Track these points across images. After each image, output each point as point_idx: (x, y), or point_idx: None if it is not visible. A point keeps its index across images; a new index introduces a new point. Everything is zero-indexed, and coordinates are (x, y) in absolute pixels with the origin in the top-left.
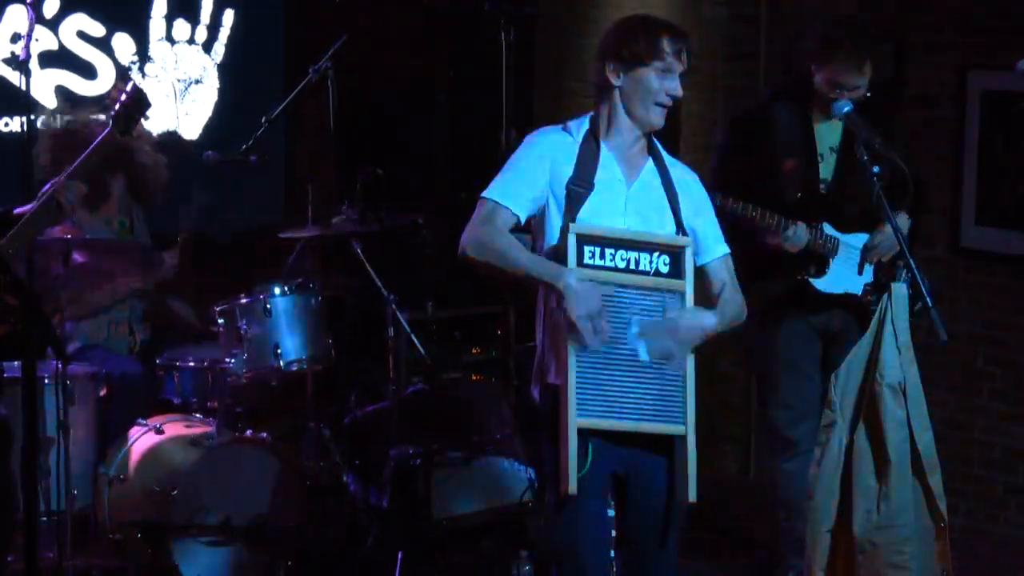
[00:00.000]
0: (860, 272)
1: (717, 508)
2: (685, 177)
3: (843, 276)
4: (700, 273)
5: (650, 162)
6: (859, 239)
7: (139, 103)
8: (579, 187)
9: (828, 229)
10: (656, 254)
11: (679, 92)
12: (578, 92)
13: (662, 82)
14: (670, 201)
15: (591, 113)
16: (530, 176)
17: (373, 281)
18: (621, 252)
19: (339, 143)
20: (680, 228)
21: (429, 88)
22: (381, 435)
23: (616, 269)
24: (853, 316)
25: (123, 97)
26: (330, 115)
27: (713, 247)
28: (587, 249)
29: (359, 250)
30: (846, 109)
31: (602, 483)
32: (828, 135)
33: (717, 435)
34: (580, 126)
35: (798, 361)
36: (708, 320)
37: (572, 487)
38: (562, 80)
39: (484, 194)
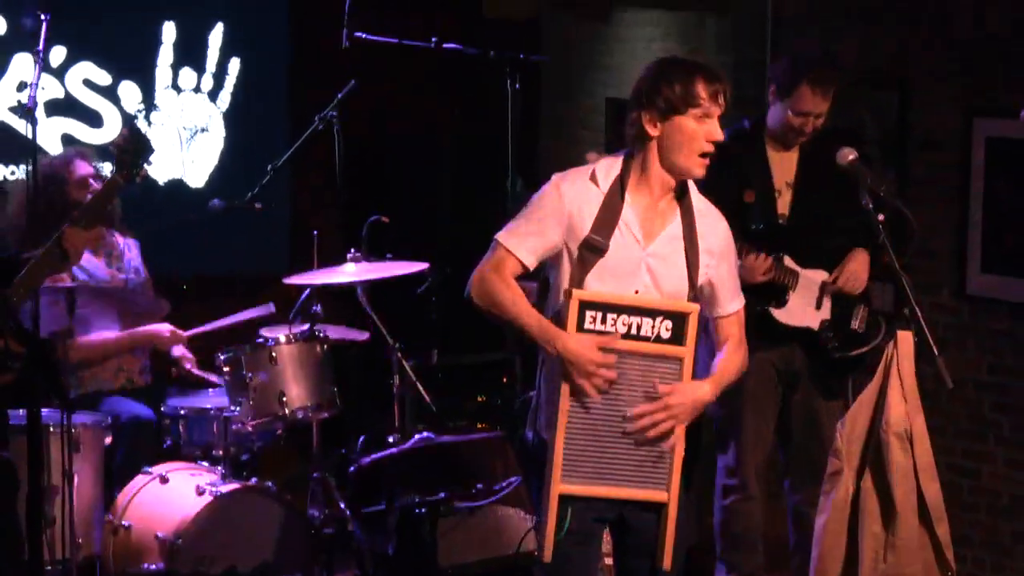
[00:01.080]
0: (818, 307)
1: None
2: (714, 227)
3: (801, 310)
4: (709, 325)
5: (676, 217)
6: (818, 275)
7: (140, 146)
8: (594, 245)
9: (788, 262)
10: (659, 319)
11: (719, 136)
12: (585, 140)
13: (701, 127)
14: (688, 260)
15: (624, 155)
16: (545, 228)
17: (378, 329)
18: (623, 317)
19: (344, 190)
20: (692, 289)
21: (435, 135)
22: (386, 483)
23: (615, 334)
24: (811, 357)
25: (124, 142)
26: (336, 162)
27: (727, 303)
28: (588, 314)
29: (364, 297)
30: (851, 156)
31: (588, 535)
32: (784, 169)
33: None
34: (609, 172)
35: (762, 401)
36: (702, 393)
37: (548, 555)
38: (569, 128)
39: (498, 237)
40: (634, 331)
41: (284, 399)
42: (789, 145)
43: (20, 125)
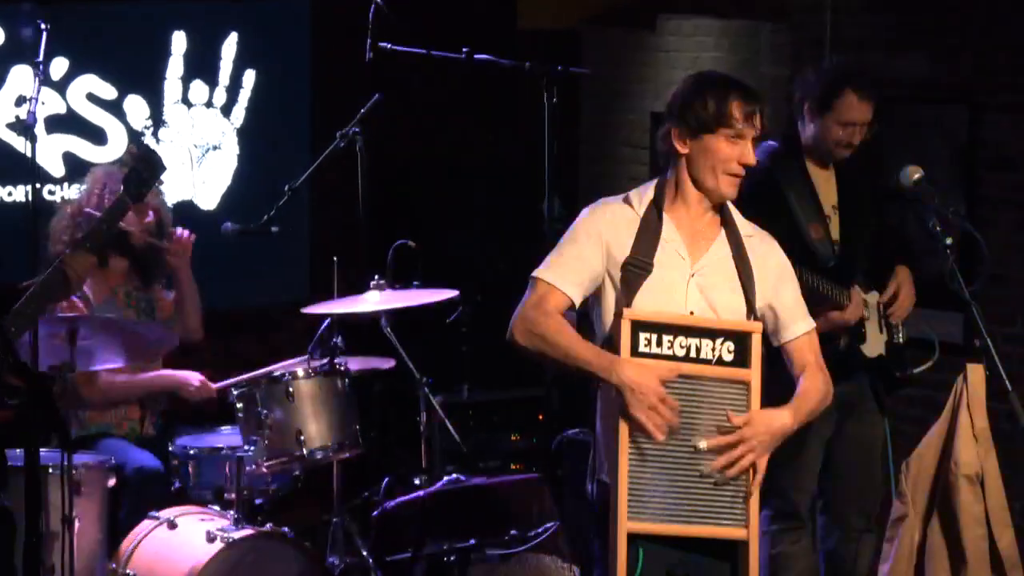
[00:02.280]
0: (881, 331)
1: None
2: (763, 246)
3: (875, 338)
4: (780, 352)
5: (721, 235)
6: (873, 297)
7: (152, 165)
8: (636, 268)
9: (856, 291)
10: (720, 340)
11: (751, 160)
12: (627, 158)
13: (732, 149)
14: (742, 279)
15: (657, 179)
16: (585, 256)
17: (405, 362)
18: (680, 338)
19: (368, 213)
20: (751, 310)
21: (466, 154)
22: (413, 529)
23: (674, 358)
24: (872, 383)
25: (133, 159)
26: (359, 183)
27: (794, 324)
28: (642, 336)
29: (389, 329)
30: (916, 176)
31: None
32: (828, 193)
33: None
34: (643, 195)
35: (819, 434)
36: (782, 422)
37: None
38: (610, 145)
39: (536, 274)
40: (693, 353)
41: (302, 438)
42: (832, 162)
43: (19, 143)
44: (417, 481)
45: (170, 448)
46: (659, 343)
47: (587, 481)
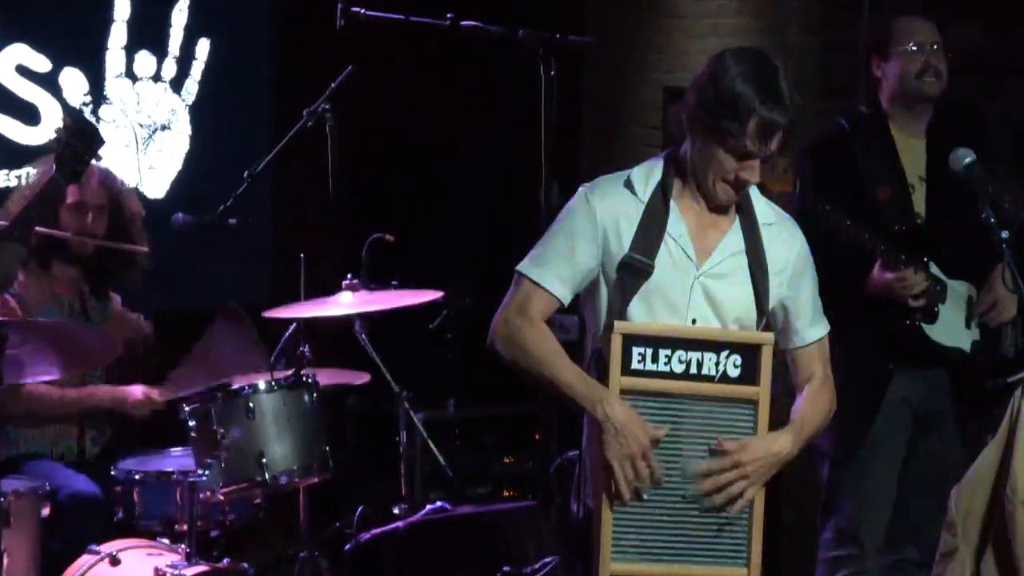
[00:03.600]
0: (968, 326)
1: None
2: (786, 239)
3: (952, 327)
4: (786, 356)
5: (735, 224)
6: (962, 287)
7: (87, 138)
8: (636, 268)
9: (935, 270)
10: (725, 353)
11: (754, 179)
12: (636, 139)
13: (736, 164)
14: (754, 278)
15: (668, 152)
16: (577, 251)
17: (382, 374)
18: (680, 353)
19: (340, 202)
20: (763, 313)
21: (451, 134)
22: (391, 566)
23: (671, 375)
24: (956, 392)
25: (66, 132)
26: (328, 168)
27: (807, 330)
28: (635, 352)
29: (364, 335)
30: (967, 160)
31: None
32: (916, 161)
33: None
34: (649, 176)
35: (890, 449)
36: (779, 446)
37: None
38: (616, 124)
39: (520, 268)
40: (694, 369)
41: (264, 461)
42: (921, 108)
43: None
44: (396, 510)
45: (112, 472)
46: (655, 358)
47: (572, 499)
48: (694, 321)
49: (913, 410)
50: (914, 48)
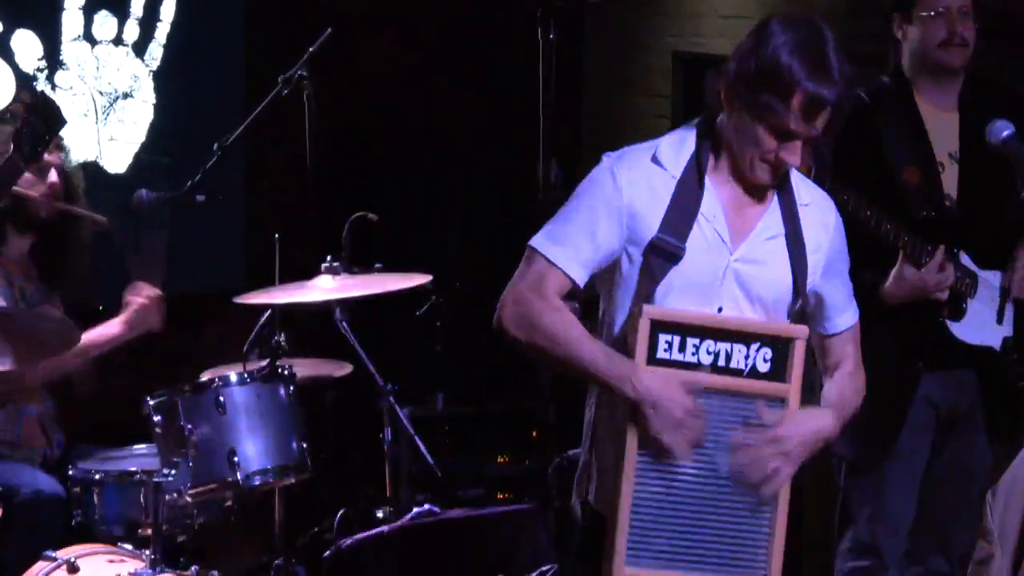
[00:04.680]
0: (999, 321)
1: None
2: (820, 217)
3: (981, 323)
4: (818, 344)
5: (775, 208)
6: (996, 278)
7: (48, 117)
8: (664, 250)
9: (965, 261)
10: (755, 346)
11: (795, 161)
12: (643, 111)
13: (776, 144)
14: (792, 263)
15: (700, 121)
16: (598, 230)
17: (365, 365)
18: (708, 343)
19: (318, 178)
20: (797, 303)
21: (441, 105)
22: (375, 573)
23: (698, 366)
24: (985, 392)
25: (26, 110)
26: (306, 140)
27: (839, 315)
28: (662, 339)
29: (346, 324)
30: (1006, 132)
31: None
32: (945, 137)
33: None
34: (681, 148)
35: (912, 458)
36: (823, 424)
37: None
38: (622, 94)
39: (534, 244)
40: (722, 361)
41: (235, 459)
42: (945, 79)
43: None
44: (380, 514)
45: (70, 472)
46: (682, 347)
47: (574, 500)
48: (720, 309)
49: (937, 410)
50: (940, 12)
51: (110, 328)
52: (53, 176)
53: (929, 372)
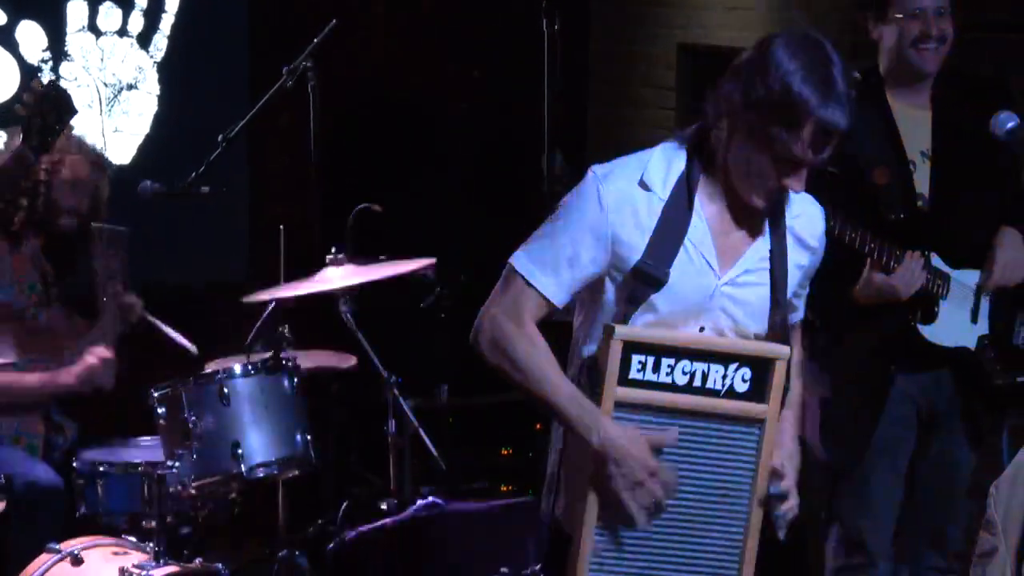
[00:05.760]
0: (974, 320)
1: None
2: (811, 230)
3: (955, 325)
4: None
5: (766, 229)
6: (971, 276)
7: (59, 107)
8: (648, 275)
9: (937, 262)
10: (734, 366)
11: (799, 188)
12: (648, 101)
13: (780, 172)
14: (777, 283)
15: (694, 132)
16: (581, 253)
17: (369, 357)
18: (684, 363)
19: (322, 170)
20: (776, 316)
21: (445, 96)
22: (378, 566)
23: (673, 387)
24: (963, 387)
25: (36, 100)
26: (311, 132)
27: (797, 312)
28: (635, 360)
29: (350, 316)
30: (1010, 124)
31: None
32: (918, 135)
33: None
34: (670, 167)
35: (894, 452)
36: (798, 460)
37: None
38: (626, 85)
39: (514, 262)
40: (698, 381)
41: (239, 452)
42: (918, 79)
43: None
44: (384, 506)
45: (74, 464)
46: (656, 368)
47: (542, 504)
48: (702, 328)
49: (918, 407)
50: (915, 14)
51: (62, 376)
52: (85, 200)
53: (902, 373)
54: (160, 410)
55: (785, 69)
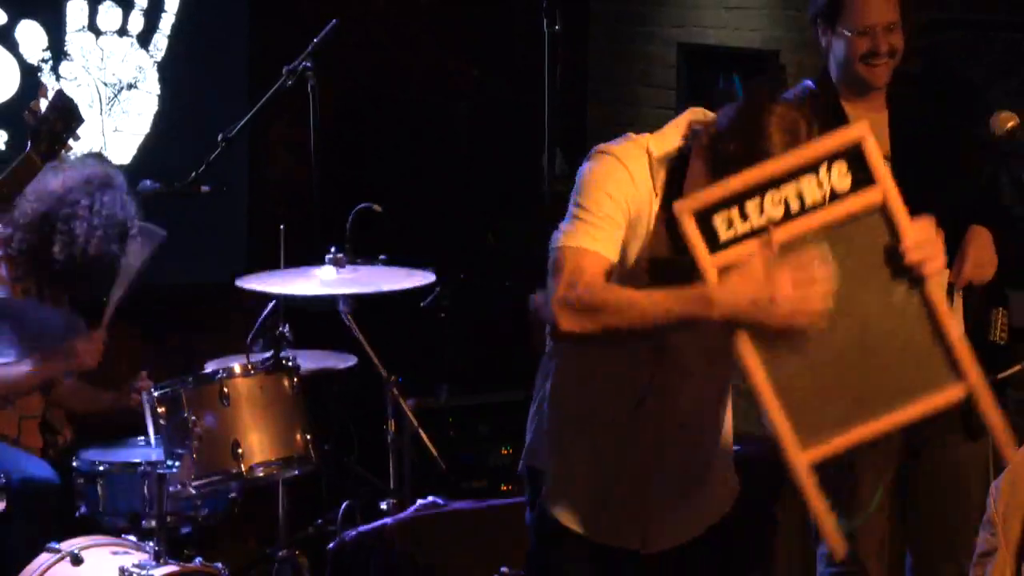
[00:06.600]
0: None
1: None
2: None
3: None
4: None
5: None
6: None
7: (68, 116)
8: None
9: None
10: (824, 167)
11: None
12: (647, 100)
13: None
14: None
15: (684, 136)
16: (613, 215)
17: (369, 357)
18: (769, 194)
19: (322, 169)
20: None
21: (446, 97)
22: (378, 566)
23: (772, 224)
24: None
25: (45, 107)
26: (310, 131)
27: None
28: (718, 221)
29: (350, 315)
30: (1010, 124)
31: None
32: (876, 138)
33: None
34: (654, 173)
35: (879, 455)
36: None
37: (840, 549)
38: (626, 84)
39: (560, 243)
40: (794, 205)
41: (239, 451)
42: (872, 87)
43: None
44: (384, 506)
45: (74, 463)
46: (743, 216)
47: (521, 461)
48: None
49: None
50: (864, 31)
51: (49, 361)
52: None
53: None
54: (160, 410)
55: (763, 124)
